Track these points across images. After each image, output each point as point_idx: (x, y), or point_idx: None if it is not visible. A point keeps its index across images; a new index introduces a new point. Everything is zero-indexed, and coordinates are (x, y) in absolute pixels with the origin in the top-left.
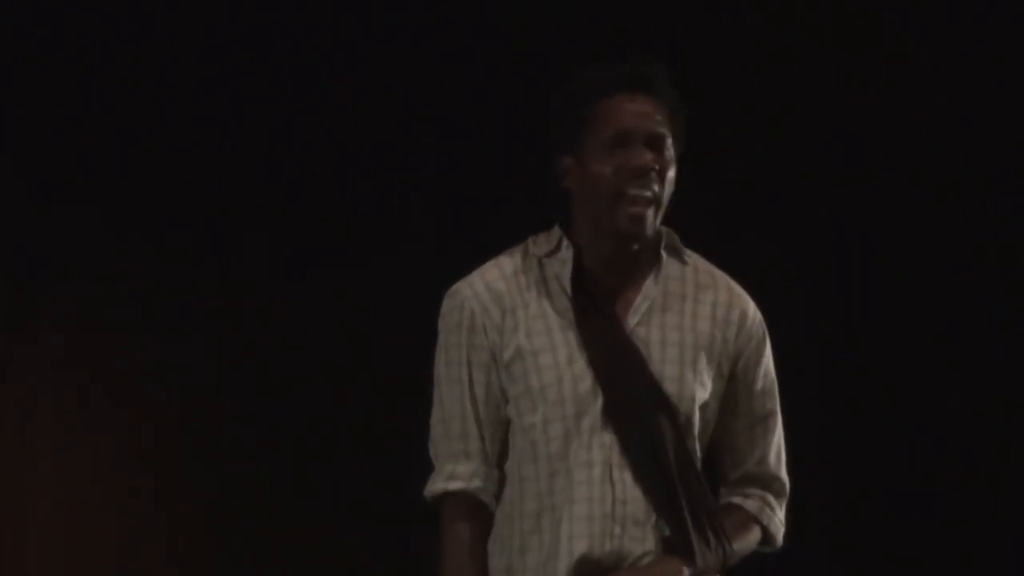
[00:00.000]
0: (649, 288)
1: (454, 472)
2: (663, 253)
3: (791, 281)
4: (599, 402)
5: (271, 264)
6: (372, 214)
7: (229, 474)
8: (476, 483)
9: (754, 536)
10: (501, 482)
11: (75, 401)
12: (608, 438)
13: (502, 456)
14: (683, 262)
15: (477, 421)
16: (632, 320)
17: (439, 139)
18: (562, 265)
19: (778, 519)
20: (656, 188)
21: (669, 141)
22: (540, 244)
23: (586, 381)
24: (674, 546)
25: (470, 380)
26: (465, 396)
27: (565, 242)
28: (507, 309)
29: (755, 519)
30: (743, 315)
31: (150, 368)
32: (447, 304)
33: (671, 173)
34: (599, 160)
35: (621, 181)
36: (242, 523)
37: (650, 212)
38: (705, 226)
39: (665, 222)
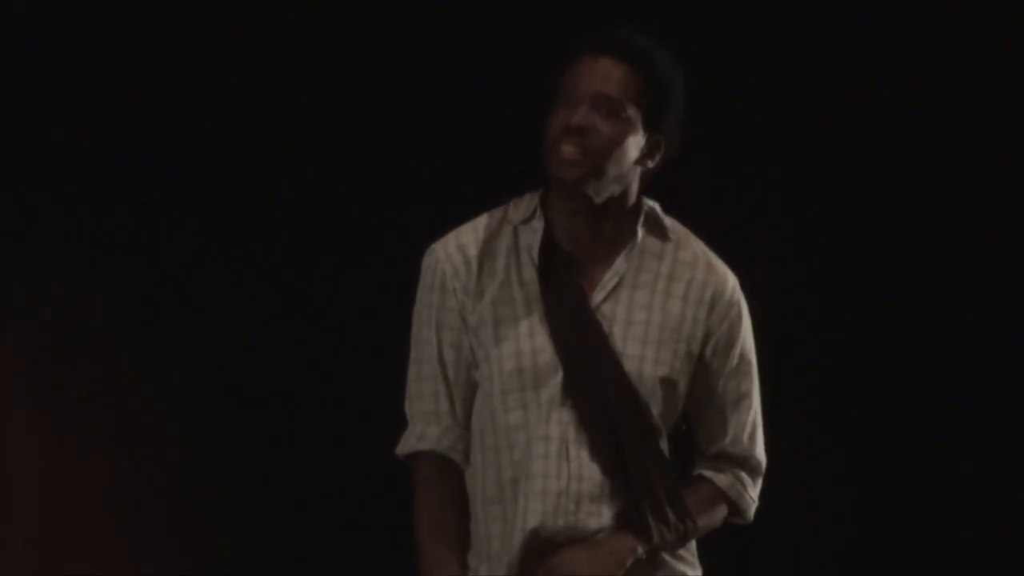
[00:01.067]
0: (620, 264)
1: (424, 432)
2: (639, 229)
3: (799, 268)
4: (559, 377)
5: (257, 255)
6: (368, 212)
7: (219, 469)
8: (445, 444)
9: (720, 512)
10: (470, 443)
11: (55, 396)
12: (567, 414)
13: (470, 418)
14: (665, 238)
15: (446, 382)
16: (598, 296)
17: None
18: (533, 235)
19: (749, 496)
20: (587, 144)
21: (622, 102)
22: (519, 210)
23: (546, 354)
24: (629, 523)
25: (439, 341)
26: (434, 357)
27: (539, 212)
28: (475, 273)
29: (724, 494)
30: (717, 295)
31: (135, 362)
32: (424, 263)
33: (611, 131)
34: (550, 118)
35: (555, 135)
36: (231, 516)
37: (581, 161)
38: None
39: (670, 207)
